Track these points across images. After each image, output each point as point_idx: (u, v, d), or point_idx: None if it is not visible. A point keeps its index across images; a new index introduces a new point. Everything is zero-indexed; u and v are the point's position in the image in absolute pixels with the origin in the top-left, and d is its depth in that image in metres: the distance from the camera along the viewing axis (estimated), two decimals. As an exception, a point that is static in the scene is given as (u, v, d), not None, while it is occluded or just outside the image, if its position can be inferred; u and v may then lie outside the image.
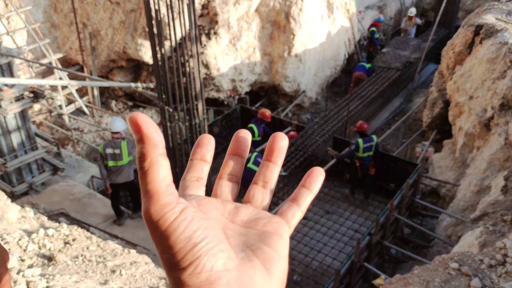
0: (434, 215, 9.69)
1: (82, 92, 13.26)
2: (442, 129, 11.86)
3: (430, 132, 12.15)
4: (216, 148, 12.32)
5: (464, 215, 8.27)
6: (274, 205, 9.21)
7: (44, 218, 6.17)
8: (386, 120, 13.62)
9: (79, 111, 12.69)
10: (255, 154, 8.88)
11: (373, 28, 15.77)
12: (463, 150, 9.93)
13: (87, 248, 5.23)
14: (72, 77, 12.50)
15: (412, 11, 16.70)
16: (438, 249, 8.41)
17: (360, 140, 9.54)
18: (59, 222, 6.62)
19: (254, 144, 10.38)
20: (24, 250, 4.79)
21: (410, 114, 13.43)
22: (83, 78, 11.06)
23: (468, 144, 9.81)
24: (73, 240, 5.33)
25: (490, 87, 9.16)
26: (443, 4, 15.14)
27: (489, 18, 10.35)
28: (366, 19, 17.32)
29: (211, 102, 13.17)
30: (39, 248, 4.94)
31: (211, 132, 11.06)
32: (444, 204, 9.73)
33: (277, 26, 13.06)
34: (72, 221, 7.04)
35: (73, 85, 11.65)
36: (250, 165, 8.72)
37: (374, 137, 9.79)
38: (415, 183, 9.29)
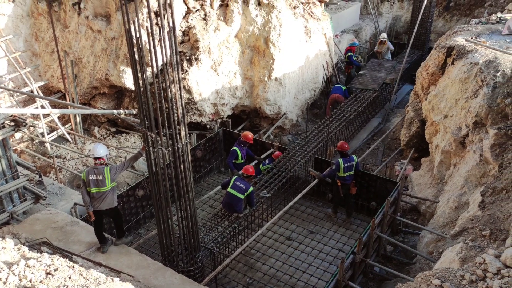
0: (416, 232, 9.85)
1: (64, 119, 13.24)
2: (420, 147, 12.16)
3: (408, 150, 12.43)
4: (200, 171, 12.28)
5: (444, 231, 8.44)
6: (258, 227, 9.26)
7: (25, 249, 6.10)
8: (365, 140, 13.90)
9: (61, 138, 12.65)
10: (234, 178, 8.93)
11: (350, 53, 16.27)
12: (440, 168, 10.19)
13: (69, 277, 5.17)
14: (54, 104, 12.50)
15: (384, 36, 17.33)
16: (421, 265, 8.54)
17: (340, 160, 9.72)
18: (41, 252, 6.55)
19: (237, 166, 10.47)
20: (4, 283, 4.73)
21: (388, 134, 13.74)
22: (65, 106, 11.07)
23: (445, 162, 10.08)
24: (55, 270, 5.28)
25: (464, 105, 9.49)
26: (416, 27, 15.69)
27: (460, 40, 10.79)
28: (343, 43, 17.80)
29: (193, 126, 13.28)
30: (20, 279, 4.88)
31: (194, 156, 11.12)
32: (424, 221, 9.91)
33: (256, 51, 13.34)
34: (55, 250, 6.96)
35: (55, 113, 11.65)
36: (229, 189, 8.79)
37: (354, 157, 9.99)
38: (395, 201, 9.46)
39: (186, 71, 12.26)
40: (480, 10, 19.01)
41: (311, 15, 14.68)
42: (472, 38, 10.66)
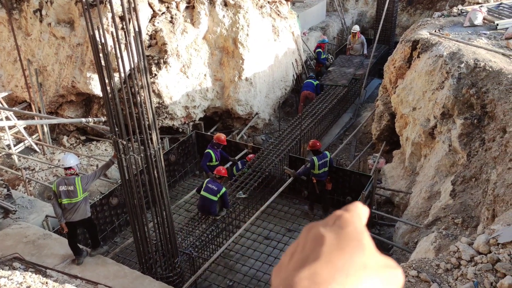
0: (391, 224, 10.02)
1: (31, 129, 12.87)
2: (391, 140, 12.37)
3: (379, 144, 12.63)
4: (174, 176, 12.15)
5: (418, 221, 8.61)
6: (236, 228, 9.23)
7: (-4, 267, 5.91)
8: (338, 135, 14.04)
9: (29, 150, 12.29)
10: (206, 180, 8.94)
11: (319, 49, 16.30)
12: (411, 159, 10.40)
13: (44, 293, 5.05)
14: (19, 115, 12.13)
15: (355, 28, 17.30)
16: (397, 256, 8.68)
17: (314, 158, 9.79)
18: (13, 268, 6.35)
19: (212, 168, 10.41)
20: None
21: (360, 128, 13.92)
22: (32, 116, 10.76)
23: (416, 153, 10.29)
24: (28, 287, 5.13)
25: (431, 97, 9.71)
26: (381, 22, 15.94)
27: (424, 33, 11.01)
28: (311, 40, 17.93)
29: (166, 130, 13.13)
30: (-10, 300, 4.74)
31: (167, 160, 11.00)
32: (399, 212, 10.09)
33: (225, 52, 13.29)
34: (28, 265, 6.76)
35: (21, 124, 11.30)
36: (202, 192, 8.80)
37: (327, 153, 10.08)
38: (370, 194, 9.59)
39: (155, 75, 12.10)
40: (442, 3, 19.48)
41: (278, 14, 14.73)
42: (435, 31, 10.90)
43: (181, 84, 12.71)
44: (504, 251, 4.41)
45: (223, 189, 8.78)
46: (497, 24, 10.78)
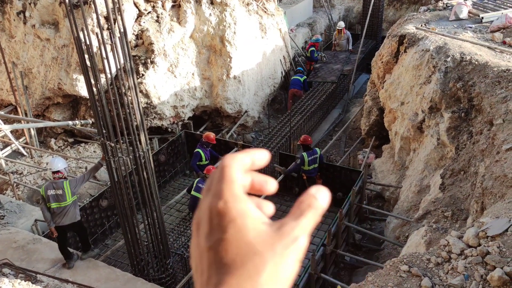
0: (382, 218, 10.07)
1: (18, 133, 12.70)
2: (380, 135, 12.42)
3: (369, 139, 12.68)
4: (164, 176, 12.04)
5: (409, 215, 8.67)
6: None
7: (-17, 275, 5.82)
8: (327, 131, 14.07)
9: (16, 153, 12.13)
10: (196, 180, 8.90)
11: (313, 48, 16.18)
12: (401, 154, 10.45)
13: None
14: (5, 119, 11.97)
15: (340, 24, 17.31)
16: (389, 250, 8.73)
17: (304, 154, 9.79)
18: (3, 275, 6.27)
19: (202, 168, 10.36)
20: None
21: (349, 124, 13.96)
22: (18, 119, 10.61)
23: (405, 147, 10.34)
24: (17, 294, 5.07)
25: (419, 92, 9.76)
26: (368, 17, 15.98)
27: (410, 28, 11.07)
28: (298, 37, 17.92)
29: (155, 130, 13.04)
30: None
31: (157, 160, 10.93)
32: (389, 207, 10.14)
33: (213, 50, 13.23)
34: (17, 271, 6.68)
35: (7, 129, 11.15)
36: (193, 192, 8.76)
37: (317, 149, 10.09)
38: (360, 189, 9.62)
39: (143, 75, 12.01)
40: (428, -3, 19.58)
41: (265, 11, 14.70)
42: (422, 26, 10.96)
43: (169, 83, 12.63)
44: (494, 244, 4.45)
45: None
46: (482, 18, 10.87)
